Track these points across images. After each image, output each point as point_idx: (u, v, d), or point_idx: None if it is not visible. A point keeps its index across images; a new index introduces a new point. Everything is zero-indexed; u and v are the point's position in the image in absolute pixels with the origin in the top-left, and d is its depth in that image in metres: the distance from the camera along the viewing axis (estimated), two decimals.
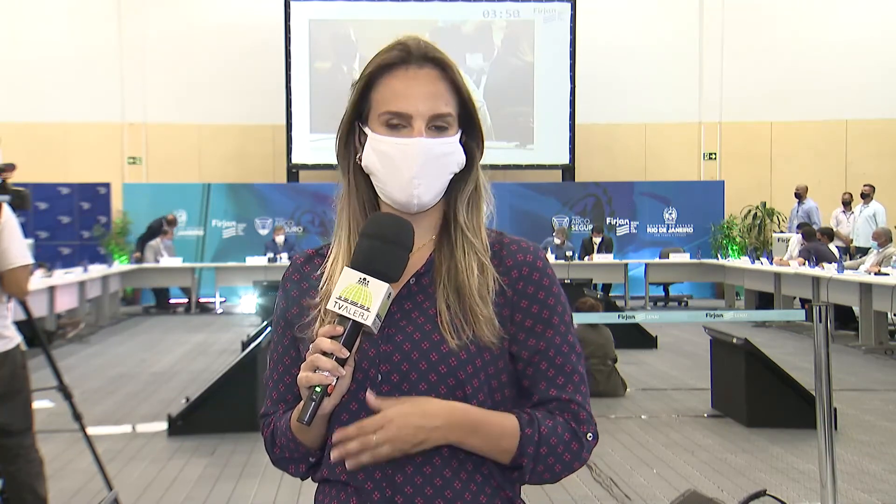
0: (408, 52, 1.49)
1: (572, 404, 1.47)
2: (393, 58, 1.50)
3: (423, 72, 1.49)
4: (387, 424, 1.36)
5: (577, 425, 1.46)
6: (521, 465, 1.43)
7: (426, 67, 1.49)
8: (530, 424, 1.43)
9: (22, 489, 3.88)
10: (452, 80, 1.50)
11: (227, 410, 6.46)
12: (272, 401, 1.58)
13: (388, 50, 1.50)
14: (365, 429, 1.37)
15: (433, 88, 1.48)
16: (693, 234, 17.12)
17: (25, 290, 3.90)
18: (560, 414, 1.46)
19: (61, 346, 10.79)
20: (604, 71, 17.55)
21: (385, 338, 1.45)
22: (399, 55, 1.50)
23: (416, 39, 1.51)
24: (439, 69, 1.50)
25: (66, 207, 16.58)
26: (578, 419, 1.47)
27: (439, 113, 1.48)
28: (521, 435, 1.42)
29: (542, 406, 1.47)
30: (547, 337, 1.49)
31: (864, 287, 10.35)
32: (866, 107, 17.57)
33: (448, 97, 1.49)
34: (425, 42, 1.51)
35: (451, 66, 1.50)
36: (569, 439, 1.45)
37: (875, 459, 5.76)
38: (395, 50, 1.50)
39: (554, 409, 1.46)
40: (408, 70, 1.49)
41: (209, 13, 17.59)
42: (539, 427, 1.43)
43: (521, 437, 1.42)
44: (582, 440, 1.47)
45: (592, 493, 5.08)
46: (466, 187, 1.53)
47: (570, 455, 1.45)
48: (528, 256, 1.51)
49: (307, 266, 1.58)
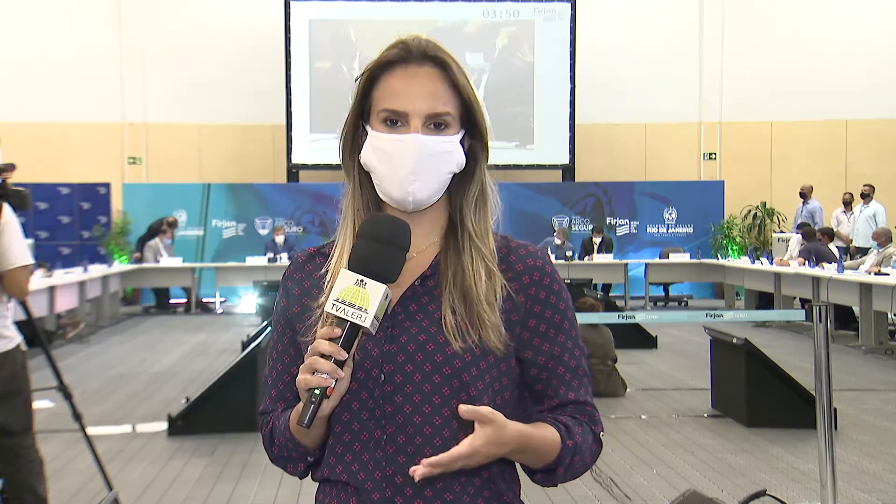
0: (408, 51, 1.49)
1: (588, 406, 1.51)
2: (393, 56, 1.49)
3: (422, 70, 1.48)
4: (473, 456, 1.36)
5: (593, 426, 1.51)
6: (555, 472, 1.47)
7: (426, 66, 1.49)
8: (569, 436, 1.46)
9: (22, 489, 3.87)
10: (453, 80, 1.49)
11: (227, 410, 6.46)
12: (271, 398, 1.58)
13: (389, 49, 1.50)
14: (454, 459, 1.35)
15: (432, 87, 1.48)
16: (693, 234, 17.12)
17: (26, 291, 3.90)
18: (580, 417, 1.50)
19: (61, 346, 10.79)
20: (604, 71, 17.55)
21: (389, 338, 1.45)
22: (399, 53, 1.49)
23: (418, 38, 1.50)
24: (439, 68, 1.49)
25: (66, 207, 16.58)
26: (594, 420, 1.51)
27: (437, 112, 1.47)
28: (562, 447, 1.45)
29: (560, 409, 1.49)
30: (560, 341, 1.50)
31: (864, 287, 10.35)
32: (866, 107, 17.56)
33: (447, 97, 1.48)
34: (427, 40, 1.50)
35: (451, 66, 1.49)
36: (591, 442, 1.50)
37: (875, 459, 5.76)
38: (396, 48, 1.50)
39: (573, 412, 1.49)
40: (407, 68, 1.48)
41: (209, 13, 17.59)
42: (575, 438, 1.46)
43: (561, 450, 1.45)
44: (599, 440, 1.52)
45: (592, 493, 5.08)
46: (471, 189, 1.52)
47: (591, 457, 1.51)
48: (538, 261, 1.52)
49: (309, 265, 1.58)
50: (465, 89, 1.49)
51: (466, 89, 1.50)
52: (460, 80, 1.49)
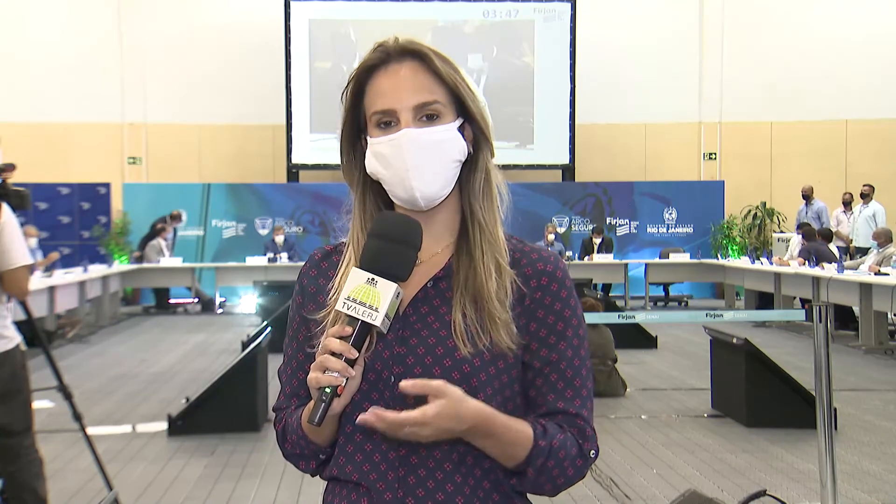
0: (386, 52, 1.49)
1: (579, 419, 1.46)
2: (374, 59, 1.50)
3: (403, 66, 1.48)
4: (424, 424, 1.32)
5: (581, 441, 1.46)
6: (526, 473, 1.42)
7: (406, 61, 1.48)
8: (543, 437, 1.41)
9: (22, 489, 3.87)
10: (434, 70, 1.48)
11: (227, 410, 6.45)
12: (285, 395, 1.58)
13: (369, 54, 1.51)
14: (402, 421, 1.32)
15: (415, 80, 1.47)
16: (693, 234, 17.13)
17: (26, 291, 3.90)
18: (567, 428, 1.45)
19: (61, 346, 10.79)
20: (604, 71, 17.55)
21: (399, 340, 1.44)
22: (378, 56, 1.50)
23: (395, 38, 1.50)
24: (419, 60, 1.48)
25: (66, 207, 16.58)
26: (584, 435, 1.46)
27: (423, 102, 1.46)
28: (533, 446, 1.40)
29: (549, 417, 1.46)
30: (560, 349, 1.48)
31: (864, 287, 10.35)
32: (866, 107, 17.57)
33: (432, 86, 1.47)
34: (404, 38, 1.50)
35: (430, 56, 1.48)
36: (575, 454, 1.44)
37: (875, 459, 5.76)
38: (375, 52, 1.50)
39: (561, 423, 1.45)
40: (388, 68, 1.49)
41: (209, 13, 17.59)
42: (551, 440, 1.42)
43: (531, 449, 1.40)
44: (586, 456, 1.46)
45: (592, 493, 5.07)
46: (476, 176, 1.51)
47: (574, 470, 1.45)
48: (549, 266, 1.50)
49: (325, 262, 1.57)
50: (449, 76, 1.48)
51: (451, 76, 1.48)
52: (442, 68, 1.48)
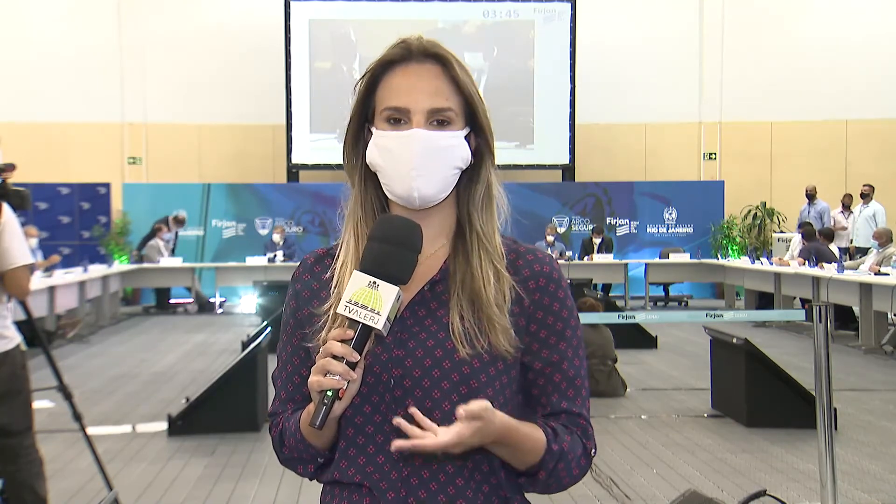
0: (409, 50, 1.49)
1: (581, 419, 1.49)
2: (394, 55, 1.50)
3: (423, 68, 1.49)
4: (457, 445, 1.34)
5: (585, 440, 1.49)
6: (537, 476, 1.45)
7: (427, 63, 1.49)
8: (555, 440, 1.44)
9: (22, 489, 3.87)
10: (454, 77, 1.49)
11: (227, 410, 6.45)
12: (280, 400, 1.58)
13: (391, 48, 1.51)
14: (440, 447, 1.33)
15: (433, 84, 1.48)
16: (693, 234, 17.13)
17: (26, 290, 3.90)
18: (572, 428, 1.48)
19: (61, 346, 10.79)
20: (604, 71, 17.55)
21: (398, 343, 1.45)
22: (400, 52, 1.50)
23: (419, 37, 1.50)
24: (441, 65, 1.49)
25: (66, 207, 16.58)
26: (587, 434, 1.50)
27: (438, 107, 1.47)
28: (546, 451, 1.43)
29: (553, 418, 1.48)
30: (560, 349, 1.49)
31: (864, 287, 10.35)
32: (866, 107, 17.57)
33: (449, 93, 1.48)
34: (428, 39, 1.50)
35: (452, 63, 1.49)
36: (580, 455, 1.48)
37: (875, 459, 5.76)
38: (397, 48, 1.50)
39: (566, 423, 1.48)
40: (408, 66, 1.49)
41: (209, 13, 17.59)
42: (561, 444, 1.45)
43: (545, 453, 1.43)
44: (589, 455, 1.49)
45: (592, 493, 5.07)
46: (477, 188, 1.52)
47: (578, 470, 1.48)
48: (545, 267, 1.51)
49: (318, 266, 1.57)
50: (466, 86, 1.49)
51: (468, 86, 1.49)
52: (462, 77, 1.49)
